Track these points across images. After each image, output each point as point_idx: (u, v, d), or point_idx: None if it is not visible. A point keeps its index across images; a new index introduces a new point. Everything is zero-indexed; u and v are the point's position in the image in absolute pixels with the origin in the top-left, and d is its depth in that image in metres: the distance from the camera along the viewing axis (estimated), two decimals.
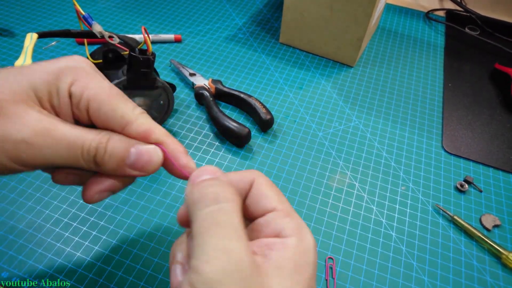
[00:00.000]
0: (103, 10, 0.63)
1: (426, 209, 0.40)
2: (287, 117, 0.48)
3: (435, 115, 0.50)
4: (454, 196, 0.41)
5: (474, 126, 0.49)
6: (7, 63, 0.51)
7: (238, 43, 0.59)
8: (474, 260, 0.36)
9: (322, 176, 0.42)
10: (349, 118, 0.49)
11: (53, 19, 0.60)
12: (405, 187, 0.42)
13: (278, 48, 0.59)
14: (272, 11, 0.67)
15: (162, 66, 0.54)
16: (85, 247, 0.34)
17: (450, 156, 0.45)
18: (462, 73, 0.58)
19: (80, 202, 0.37)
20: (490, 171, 0.44)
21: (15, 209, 0.36)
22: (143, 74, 0.35)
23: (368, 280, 0.34)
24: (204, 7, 0.67)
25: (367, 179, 0.42)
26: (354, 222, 0.38)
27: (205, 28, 0.62)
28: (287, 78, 0.54)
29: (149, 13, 0.64)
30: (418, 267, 0.35)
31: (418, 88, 0.54)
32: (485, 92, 0.54)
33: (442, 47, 0.63)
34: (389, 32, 0.65)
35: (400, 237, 0.37)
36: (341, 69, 0.56)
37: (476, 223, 0.39)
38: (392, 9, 0.71)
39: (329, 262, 0.35)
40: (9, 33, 0.57)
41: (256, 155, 0.43)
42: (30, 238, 0.34)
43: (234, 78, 0.53)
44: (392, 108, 0.51)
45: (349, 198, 0.40)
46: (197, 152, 0.43)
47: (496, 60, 0.60)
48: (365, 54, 0.59)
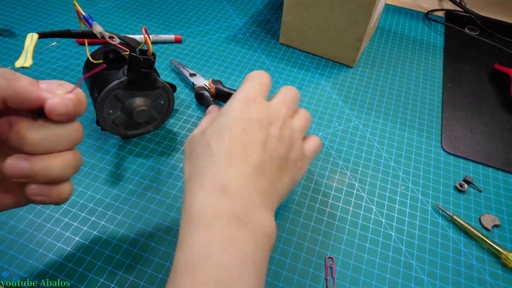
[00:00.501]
0: (104, 10, 0.64)
1: (425, 209, 0.40)
2: None
3: (435, 115, 0.51)
4: (454, 196, 0.41)
5: (474, 126, 0.49)
6: (7, 63, 0.52)
7: (238, 44, 0.59)
8: (474, 260, 0.36)
9: (322, 176, 0.42)
10: (349, 118, 0.49)
11: (54, 19, 0.60)
12: (405, 187, 0.42)
13: (278, 49, 0.59)
14: (272, 12, 0.67)
15: (163, 67, 0.54)
16: (85, 247, 0.34)
17: (449, 156, 0.45)
18: (462, 73, 0.58)
19: (81, 202, 0.37)
20: (490, 171, 0.44)
21: (16, 209, 0.36)
22: (143, 74, 0.35)
23: (367, 279, 0.34)
24: (204, 7, 0.67)
25: (366, 179, 0.42)
26: (353, 221, 0.38)
27: (205, 29, 0.62)
28: (287, 78, 0.54)
29: (149, 14, 0.64)
30: (418, 267, 0.35)
31: (418, 88, 0.55)
32: (484, 92, 0.55)
33: (442, 47, 0.63)
34: (389, 32, 0.65)
35: (399, 236, 0.37)
36: (340, 69, 0.56)
37: (475, 223, 0.39)
38: (392, 9, 0.71)
39: (329, 262, 0.35)
40: (9, 33, 0.57)
41: None
42: (31, 238, 0.34)
43: (234, 79, 0.53)
44: (391, 108, 0.51)
45: (348, 198, 0.40)
46: None
47: (496, 60, 0.60)
48: (364, 55, 0.60)
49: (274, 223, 0.25)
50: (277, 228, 0.37)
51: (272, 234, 0.25)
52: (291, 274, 0.34)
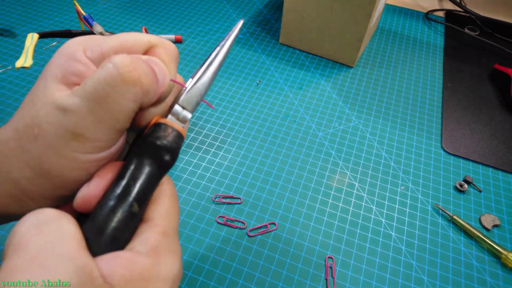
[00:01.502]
0: (104, 10, 0.64)
1: (425, 209, 0.40)
2: (287, 117, 0.48)
3: (435, 115, 0.51)
4: (454, 196, 0.41)
5: (474, 126, 0.49)
6: (8, 63, 0.52)
7: (238, 44, 0.59)
8: (474, 260, 0.36)
9: (322, 176, 0.42)
10: (349, 118, 0.49)
11: (54, 19, 0.60)
12: (405, 187, 0.42)
13: (278, 49, 0.59)
14: (272, 12, 0.67)
15: None
16: None
17: (449, 156, 0.45)
18: (462, 73, 0.58)
19: None
20: (490, 171, 0.44)
21: None
22: None
23: (367, 279, 0.34)
24: (205, 7, 0.67)
25: (366, 179, 0.42)
26: (353, 221, 0.38)
27: (205, 29, 0.62)
28: (287, 78, 0.54)
29: (149, 14, 0.64)
30: (418, 267, 0.35)
31: (418, 88, 0.55)
32: (484, 93, 0.55)
33: (442, 47, 0.63)
34: (389, 32, 0.65)
35: (399, 236, 0.37)
36: (341, 69, 0.56)
37: (475, 223, 0.39)
38: (392, 9, 0.71)
39: (329, 262, 0.35)
40: (10, 33, 0.57)
41: (256, 155, 0.43)
42: None
43: (234, 79, 0.53)
44: (391, 108, 0.51)
45: (348, 198, 0.40)
46: (197, 152, 0.43)
47: (496, 60, 0.60)
48: (364, 55, 0.60)
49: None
50: (278, 229, 0.37)
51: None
52: (291, 274, 0.34)
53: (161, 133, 0.17)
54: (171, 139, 0.17)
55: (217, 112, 0.48)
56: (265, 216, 0.38)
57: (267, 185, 0.40)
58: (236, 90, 0.51)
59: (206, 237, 0.36)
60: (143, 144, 0.17)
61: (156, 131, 0.17)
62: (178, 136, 0.18)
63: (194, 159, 0.42)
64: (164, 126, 0.18)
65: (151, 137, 0.17)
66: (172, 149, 0.17)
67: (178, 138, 0.18)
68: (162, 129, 0.17)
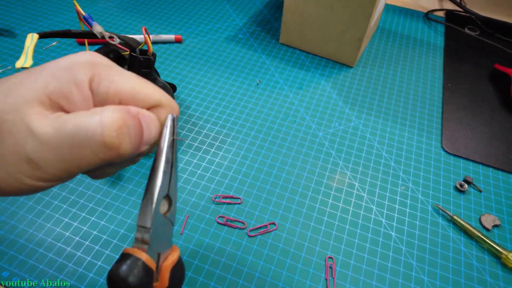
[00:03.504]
0: (104, 10, 0.64)
1: (425, 209, 0.40)
2: (287, 117, 0.48)
3: (435, 115, 0.51)
4: (454, 196, 0.41)
5: (474, 126, 0.49)
6: (7, 63, 0.51)
7: (238, 44, 0.59)
8: (474, 260, 0.36)
9: (322, 176, 0.42)
10: (349, 118, 0.49)
11: (54, 19, 0.60)
12: (405, 187, 0.42)
13: (278, 49, 0.59)
14: (272, 12, 0.67)
15: (163, 67, 0.54)
16: (85, 247, 0.34)
17: (449, 156, 0.45)
18: (462, 73, 0.58)
19: (81, 202, 0.37)
20: (490, 171, 0.44)
21: (16, 209, 0.36)
22: (143, 74, 0.35)
23: (367, 279, 0.34)
24: (205, 7, 0.67)
25: (366, 179, 0.42)
26: (353, 221, 0.38)
27: (205, 29, 0.62)
28: (287, 78, 0.54)
29: (149, 14, 0.64)
30: (418, 267, 0.35)
31: (418, 88, 0.55)
32: (484, 93, 0.55)
33: (442, 47, 0.63)
34: (389, 32, 0.65)
35: (399, 236, 0.37)
36: (341, 69, 0.56)
37: (475, 223, 0.39)
38: (392, 9, 0.71)
39: (329, 262, 0.35)
40: (10, 33, 0.57)
41: (256, 155, 0.43)
42: (31, 238, 0.34)
43: (234, 79, 0.53)
44: (391, 108, 0.51)
45: (348, 198, 0.40)
46: (197, 152, 0.43)
47: (496, 60, 0.60)
48: (364, 55, 0.60)
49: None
50: (278, 229, 0.37)
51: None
52: (291, 274, 0.34)
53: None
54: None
55: (217, 112, 0.48)
56: (265, 216, 0.38)
57: (267, 185, 0.40)
58: (236, 90, 0.51)
59: (206, 237, 0.36)
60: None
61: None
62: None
63: (194, 159, 0.42)
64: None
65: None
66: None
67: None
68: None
